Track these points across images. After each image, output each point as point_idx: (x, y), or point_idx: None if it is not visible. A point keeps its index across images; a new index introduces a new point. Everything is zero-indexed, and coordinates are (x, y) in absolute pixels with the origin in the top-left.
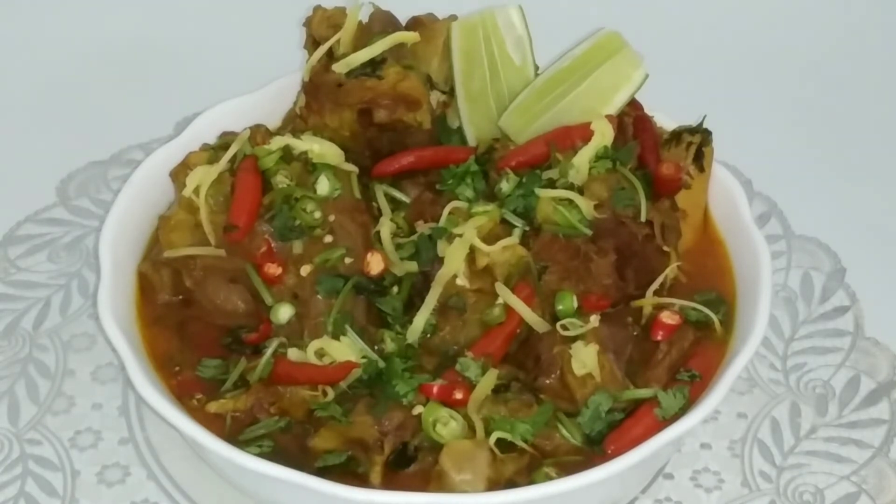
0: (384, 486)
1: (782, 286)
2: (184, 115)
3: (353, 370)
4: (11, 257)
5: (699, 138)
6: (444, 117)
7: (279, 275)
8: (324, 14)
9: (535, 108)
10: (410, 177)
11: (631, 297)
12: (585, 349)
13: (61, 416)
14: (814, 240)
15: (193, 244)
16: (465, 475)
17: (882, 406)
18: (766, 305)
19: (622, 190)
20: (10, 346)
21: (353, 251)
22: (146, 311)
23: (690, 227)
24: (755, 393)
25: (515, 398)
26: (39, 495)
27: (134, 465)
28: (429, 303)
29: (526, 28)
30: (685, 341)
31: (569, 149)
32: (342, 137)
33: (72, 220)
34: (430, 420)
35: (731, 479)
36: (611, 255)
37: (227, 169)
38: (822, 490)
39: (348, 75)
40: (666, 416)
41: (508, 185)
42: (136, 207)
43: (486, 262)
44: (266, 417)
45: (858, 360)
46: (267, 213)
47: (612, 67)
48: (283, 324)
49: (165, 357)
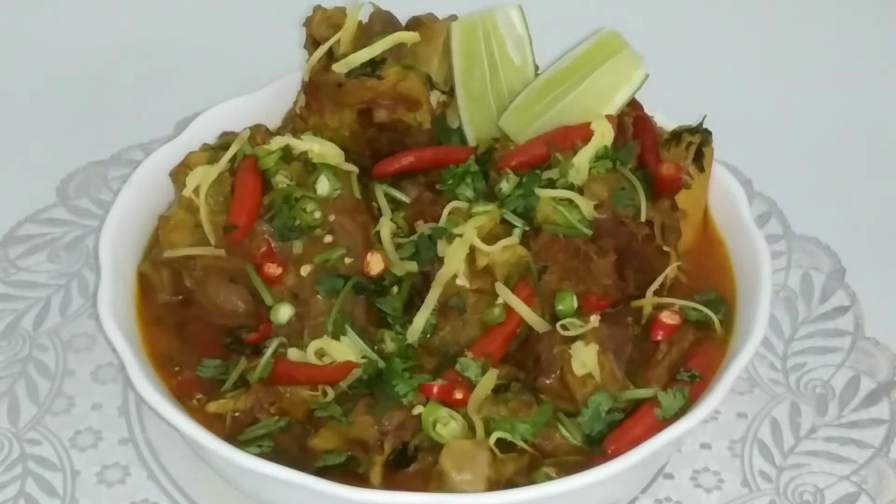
0: (384, 486)
1: (782, 286)
2: (184, 115)
3: (353, 370)
4: (11, 257)
5: (699, 138)
6: (444, 117)
7: (279, 275)
8: (324, 14)
9: (535, 108)
10: (410, 177)
11: (631, 297)
12: (585, 349)
13: (61, 416)
14: (814, 240)
15: (193, 244)
16: (465, 475)
17: (882, 406)
18: (766, 305)
19: (622, 190)
20: (10, 346)
21: (353, 251)
22: (146, 311)
23: (690, 227)
24: (755, 393)
25: (515, 398)
26: (39, 495)
27: (134, 465)
28: (429, 303)
29: (526, 28)
30: (685, 341)
31: (569, 149)
32: (342, 137)
33: (72, 220)
34: (430, 420)
35: (731, 479)
36: (611, 255)
37: (227, 169)
38: (822, 490)
39: (348, 75)
40: (666, 416)
41: (508, 185)
42: (136, 207)
43: (486, 262)
44: (266, 417)
45: (858, 360)
46: (267, 213)
47: (612, 67)
48: (283, 324)
49: (165, 357)
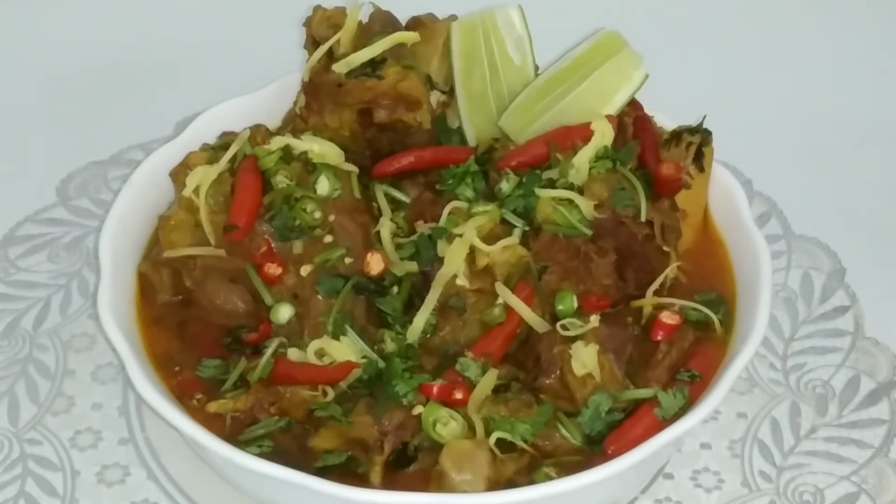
0: (384, 486)
1: (782, 286)
2: (184, 115)
3: (353, 370)
4: (11, 257)
5: (699, 138)
6: (444, 117)
7: (279, 275)
8: (324, 14)
9: (535, 108)
10: (410, 177)
11: (631, 297)
12: (585, 349)
13: (61, 416)
14: (814, 240)
15: (193, 244)
16: (465, 475)
17: (882, 406)
18: (766, 305)
19: (622, 190)
20: (10, 346)
21: (353, 251)
22: (146, 311)
23: (690, 227)
24: (755, 393)
25: (515, 398)
26: (39, 495)
27: (134, 465)
28: (429, 303)
29: (526, 28)
30: (685, 341)
31: (569, 149)
32: (342, 137)
33: (72, 220)
34: (430, 420)
35: (731, 479)
36: (611, 255)
37: (227, 169)
38: (822, 490)
39: (348, 75)
40: (666, 416)
41: (508, 185)
42: (136, 207)
43: (486, 262)
44: (266, 417)
45: (858, 360)
46: (267, 213)
47: (612, 67)
48: (283, 324)
49: (165, 357)
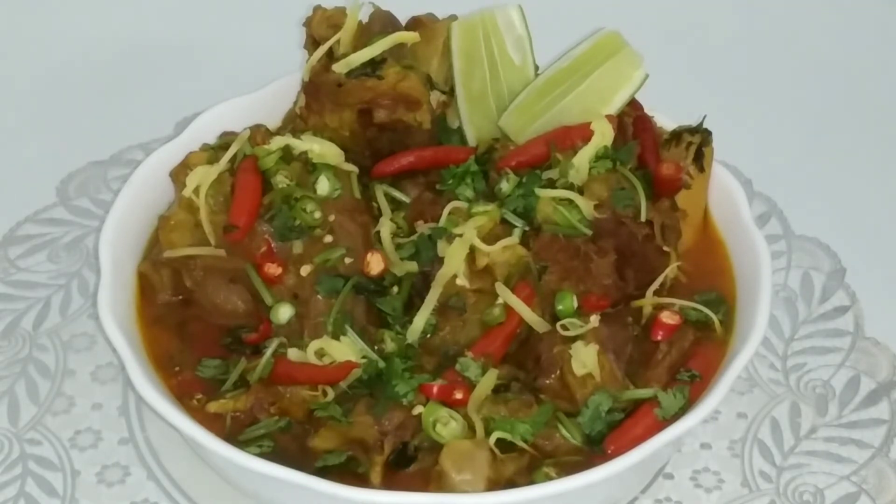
0: (384, 486)
1: (782, 286)
2: (184, 115)
3: (353, 370)
4: (11, 257)
5: (699, 138)
6: (444, 117)
7: (279, 275)
8: (324, 14)
9: (535, 108)
10: (410, 177)
11: (631, 297)
12: (585, 349)
13: (61, 416)
14: (814, 240)
15: (193, 244)
16: (465, 475)
17: (882, 406)
18: (766, 305)
19: (622, 190)
20: (10, 346)
21: (353, 251)
22: (146, 311)
23: (690, 227)
24: (755, 393)
25: (515, 398)
26: (39, 495)
27: (134, 465)
28: (429, 303)
29: (526, 28)
30: (685, 341)
31: (569, 149)
32: (342, 137)
33: (72, 220)
34: (430, 420)
35: (731, 479)
36: (611, 255)
37: (227, 169)
38: (822, 490)
39: (348, 75)
40: (666, 416)
41: (508, 185)
42: (136, 207)
43: (486, 262)
44: (266, 417)
45: (858, 360)
46: (267, 213)
47: (612, 67)
48: (283, 324)
49: (165, 357)
